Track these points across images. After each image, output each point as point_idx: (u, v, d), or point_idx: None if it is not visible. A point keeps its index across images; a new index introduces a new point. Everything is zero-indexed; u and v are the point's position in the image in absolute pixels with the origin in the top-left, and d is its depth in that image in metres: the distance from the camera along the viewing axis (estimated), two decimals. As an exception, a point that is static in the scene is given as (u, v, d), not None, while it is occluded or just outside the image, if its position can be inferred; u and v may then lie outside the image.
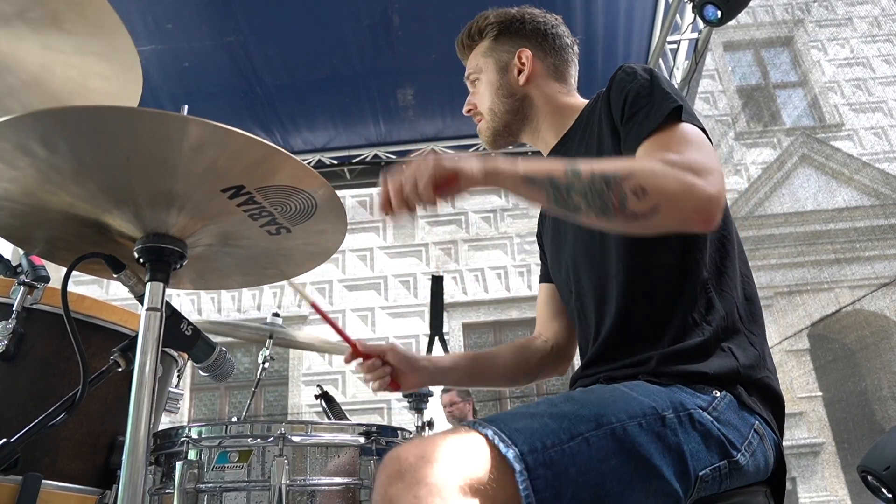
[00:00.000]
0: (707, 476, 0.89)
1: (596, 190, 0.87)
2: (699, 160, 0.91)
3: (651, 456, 0.84)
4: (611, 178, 0.87)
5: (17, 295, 1.20)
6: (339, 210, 1.03)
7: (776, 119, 10.01)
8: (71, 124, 0.83)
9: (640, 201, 0.86)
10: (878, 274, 7.70)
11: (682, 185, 0.87)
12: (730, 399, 0.96)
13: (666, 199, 0.87)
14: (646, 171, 0.88)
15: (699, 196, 0.87)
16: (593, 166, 0.89)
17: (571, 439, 0.80)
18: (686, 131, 0.99)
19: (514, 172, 0.92)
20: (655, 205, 0.87)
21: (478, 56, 1.31)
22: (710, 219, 0.89)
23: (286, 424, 1.09)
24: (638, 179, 0.87)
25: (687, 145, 0.95)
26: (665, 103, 1.01)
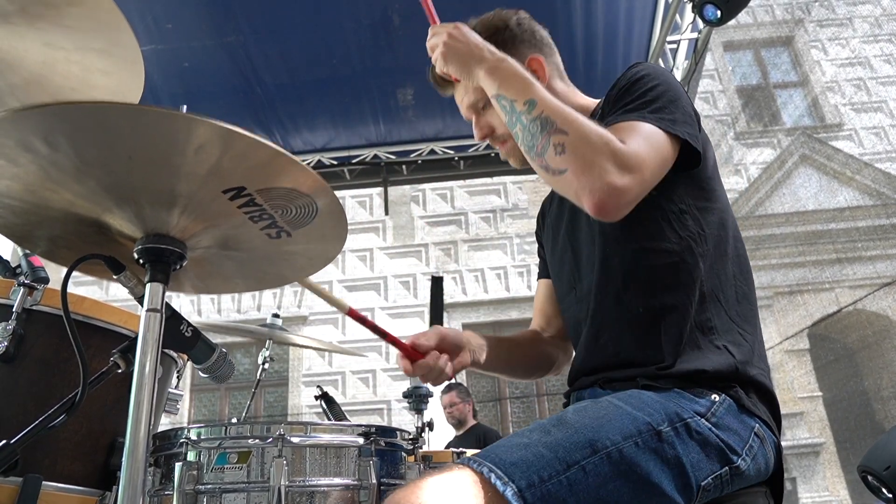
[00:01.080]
0: (709, 485, 0.89)
1: (532, 130, 0.94)
2: (632, 155, 0.91)
3: (650, 474, 0.83)
4: (548, 125, 0.92)
5: (16, 296, 1.20)
6: (339, 215, 1.03)
7: (776, 119, 10.01)
8: (74, 121, 0.82)
9: (556, 157, 0.91)
10: (881, 273, 7.70)
11: (597, 164, 0.89)
12: (729, 403, 0.96)
13: (574, 168, 0.90)
14: (578, 134, 0.91)
15: (603, 182, 0.88)
16: (547, 106, 0.94)
17: (568, 469, 0.79)
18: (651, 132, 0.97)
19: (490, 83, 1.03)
20: (564, 168, 0.91)
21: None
22: (604, 208, 0.89)
23: (285, 425, 1.08)
24: (566, 137, 0.91)
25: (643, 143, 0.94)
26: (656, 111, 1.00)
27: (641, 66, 1.10)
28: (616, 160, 0.89)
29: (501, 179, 9.22)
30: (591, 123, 0.93)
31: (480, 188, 9.50)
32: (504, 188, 9.52)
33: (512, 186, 9.48)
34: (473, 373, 6.22)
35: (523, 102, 0.97)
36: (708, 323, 1.01)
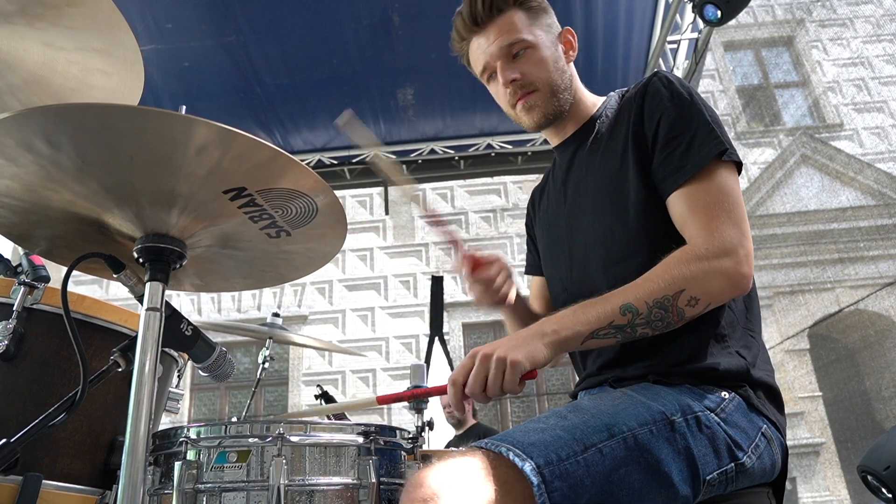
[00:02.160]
0: (714, 480, 0.89)
1: (656, 318, 0.94)
2: (730, 238, 0.97)
3: (661, 462, 0.85)
4: (665, 303, 0.94)
5: (17, 295, 1.20)
6: (339, 215, 1.03)
7: (777, 119, 10.01)
8: (75, 122, 0.82)
9: (695, 308, 0.95)
10: (883, 273, 7.70)
11: (724, 277, 0.96)
12: (738, 401, 0.96)
13: (714, 297, 0.97)
14: (690, 281, 0.95)
15: (738, 279, 0.97)
16: (642, 296, 0.94)
17: (585, 450, 0.81)
18: (722, 186, 1.02)
19: (580, 334, 0.95)
20: (707, 304, 0.96)
21: (522, 23, 1.18)
22: (747, 288, 0.99)
23: (285, 424, 1.08)
24: (688, 293, 0.94)
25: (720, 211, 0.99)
26: (708, 142, 1.02)
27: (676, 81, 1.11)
28: (726, 258, 0.96)
29: (501, 179, 9.22)
30: (680, 260, 0.97)
31: (480, 188, 9.50)
32: (504, 188, 9.51)
33: (512, 186, 9.48)
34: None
35: (621, 314, 0.94)
36: (721, 329, 1.02)
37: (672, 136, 1.05)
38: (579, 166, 1.22)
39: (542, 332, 0.95)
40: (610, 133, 1.17)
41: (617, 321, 0.94)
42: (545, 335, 0.94)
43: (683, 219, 1.02)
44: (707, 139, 1.03)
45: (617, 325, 0.94)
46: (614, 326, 0.94)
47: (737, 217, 0.99)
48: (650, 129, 1.08)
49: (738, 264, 0.96)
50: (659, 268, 0.97)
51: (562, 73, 1.21)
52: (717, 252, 0.96)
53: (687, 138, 1.04)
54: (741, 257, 0.96)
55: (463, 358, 1.20)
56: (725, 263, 0.95)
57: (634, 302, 0.94)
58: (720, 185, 1.01)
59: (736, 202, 1.01)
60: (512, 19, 1.18)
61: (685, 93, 1.08)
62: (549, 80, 1.19)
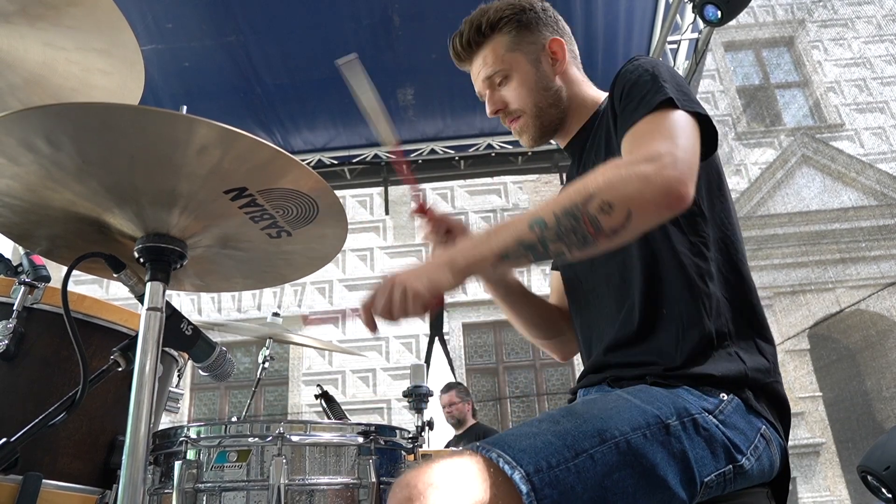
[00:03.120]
0: (712, 482, 0.89)
1: (567, 229, 0.87)
2: (656, 148, 0.89)
3: (656, 466, 0.84)
4: (575, 210, 0.86)
5: (17, 294, 1.20)
6: (339, 215, 1.03)
7: (777, 119, 10.01)
8: (76, 121, 0.82)
9: (611, 216, 0.86)
10: (885, 273, 7.70)
11: (640, 180, 0.86)
12: (737, 403, 0.96)
13: (632, 202, 0.86)
14: (602, 186, 0.87)
15: (660, 183, 0.86)
16: (553, 207, 0.88)
17: (576, 456, 0.80)
18: (663, 120, 0.95)
19: (486, 257, 0.91)
20: (626, 212, 0.86)
21: (499, 52, 1.21)
22: (680, 198, 0.87)
23: (285, 424, 1.09)
24: (599, 197, 0.86)
25: (656, 135, 0.93)
26: (654, 95, 0.98)
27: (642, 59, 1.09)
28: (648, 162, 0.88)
29: (501, 179, 9.22)
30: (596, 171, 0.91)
31: (480, 188, 9.50)
32: (504, 188, 9.52)
33: (512, 186, 9.48)
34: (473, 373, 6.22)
35: (529, 230, 0.89)
36: (722, 329, 1.01)
37: (627, 101, 1.02)
38: (585, 164, 1.23)
39: (452, 259, 0.92)
40: (601, 127, 1.18)
41: (525, 238, 0.88)
42: (454, 263, 0.92)
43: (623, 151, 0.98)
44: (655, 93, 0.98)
45: (526, 242, 0.88)
46: (524, 245, 0.89)
47: (673, 135, 0.92)
48: (617, 105, 1.07)
49: (662, 167, 0.87)
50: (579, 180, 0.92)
51: (546, 90, 1.21)
52: (637, 160, 0.89)
53: (638, 97, 1.00)
54: (666, 162, 0.87)
55: (463, 358, 1.19)
56: (645, 167, 0.87)
57: (543, 215, 0.88)
58: (667, 118, 0.95)
59: (681, 130, 0.93)
60: (491, 49, 1.21)
61: (648, 66, 1.05)
62: (532, 103, 1.20)
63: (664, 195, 0.86)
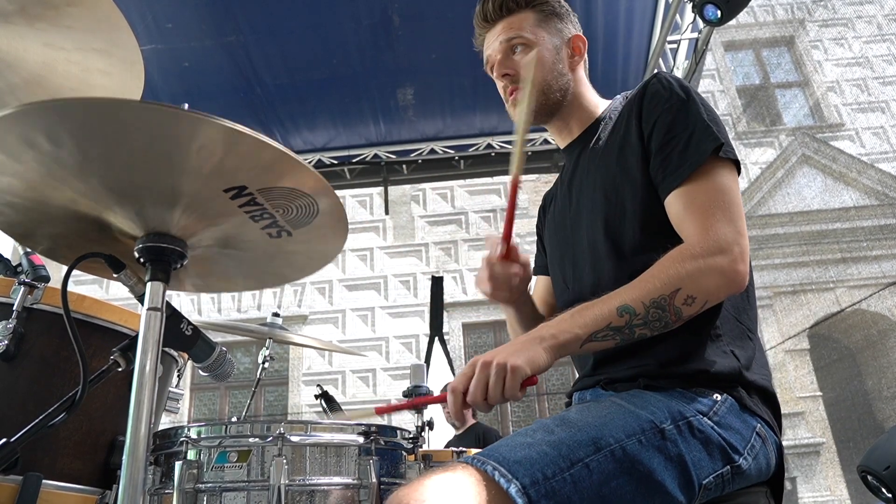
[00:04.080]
0: (710, 483, 0.89)
1: (654, 318, 0.94)
2: (725, 236, 0.97)
3: (653, 471, 0.84)
4: (662, 303, 0.94)
5: (17, 295, 1.20)
6: (340, 215, 1.03)
7: (777, 119, 10.01)
8: (77, 118, 0.82)
9: (692, 307, 0.95)
10: (886, 273, 7.69)
11: (719, 275, 0.96)
12: (731, 402, 0.96)
13: (711, 294, 0.96)
14: (686, 279, 0.94)
15: (734, 276, 0.97)
16: (639, 297, 0.94)
17: (571, 466, 0.80)
18: (719, 185, 1.01)
19: (576, 338, 0.95)
20: (704, 303, 0.96)
21: (527, 23, 1.23)
22: (743, 285, 0.99)
23: (285, 424, 1.09)
24: (684, 291, 0.94)
25: (716, 209, 0.99)
26: (704, 140, 1.02)
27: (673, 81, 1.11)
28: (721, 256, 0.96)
29: (501, 179, 9.21)
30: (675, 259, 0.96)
31: (480, 188, 9.50)
32: (504, 188, 9.51)
33: (512, 186, 9.47)
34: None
35: (619, 316, 0.94)
36: (716, 330, 1.02)
37: (669, 138, 1.05)
38: (583, 168, 1.23)
39: (541, 336, 0.95)
40: (612, 135, 1.18)
41: (614, 323, 0.94)
42: (544, 340, 0.94)
43: (680, 218, 1.02)
44: (704, 137, 1.02)
45: (615, 326, 0.94)
46: (612, 328, 0.94)
47: (733, 215, 0.99)
48: (647, 131, 1.09)
49: (734, 261, 0.96)
50: (655, 268, 0.97)
51: (558, 75, 1.23)
52: (712, 250, 0.96)
53: (684, 138, 1.04)
54: (736, 254, 0.96)
55: (463, 358, 1.19)
56: (720, 261, 0.95)
57: (631, 303, 0.94)
58: (717, 183, 1.01)
59: (732, 200, 1.01)
60: (519, 18, 1.23)
61: (683, 93, 1.08)
62: (542, 78, 1.21)
63: (735, 288, 0.98)
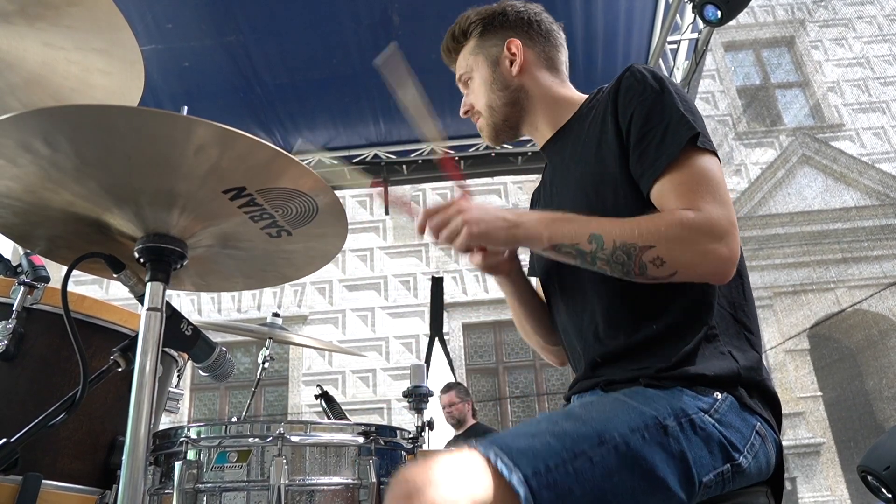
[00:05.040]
0: (710, 481, 0.89)
1: (618, 260, 0.94)
2: (717, 219, 0.94)
3: (655, 467, 0.84)
4: (632, 250, 0.93)
5: (17, 295, 1.20)
6: (339, 214, 1.03)
7: (778, 120, 10.01)
8: (74, 122, 0.83)
9: (659, 269, 0.93)
10: (886, 273, 7.69)
11: (700, 253, 0.93)
12: (731, 401, 0.96)
13: (683, 266, 0.94)
14: (663, 241, 0.93)
15: (716, 262, 0.94)
16: (614, 234, 0.94)
17: (574, 458, 0.80)
18: (703, 169, 0.99)
19: (538, 239, 0.98)
20: (673, 271, 0.94)
21: (466, 56, 1.29)
22: (725, 277, 0.96)
23: (285, 424, 1.09)
24: (657, 251, 0.93)
25: (704, 191, 0.97)
26: (680, 130, 1.00)
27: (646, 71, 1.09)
28: (708, 235, 0.93)
29: (501, 179, 9.22)
30: (664, 219, 0.95)
31: (480, 188, 9.50)
32: (504, 188, 9.52)
33: (512, 186, 9.48)
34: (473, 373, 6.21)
35: (587, 241, 0.96)
36: (712, 330, 1.01)
37: (646, 131, 1.03)
38: (563, 165, 1.22)
39: (514, 222, 1.00)
40: (589, 131, 1.16)
41: (581, 245, 0.96)
42: (513, 226, 1.00)
43: (665, 200, 0.99)
44: (680, 127, 1.00)
45: (580, 248, 0.96)
46: (577, 248, 0.97)
47: (722, 198, 0.97)
48: (624, 126, 1.07)
49: (730, 251, 0.93)
50: (645, 217, 0.96)
51: (501, 90, 1.24)
52: (704, 228, 0.93)
53: (660, 130, 1.01)
54: (731, 247, 0.94)
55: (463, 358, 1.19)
56: (717, 247, 0.93)
57: (604, 234, 0.95)
58: (700, 167, 0.99)
59: (719, 184, 0.98)
60: (463, 54, 1.30)
61: (656, 84, 1.06)
62: (485, 103, 1.26)
63: (715, 274, 0.96)
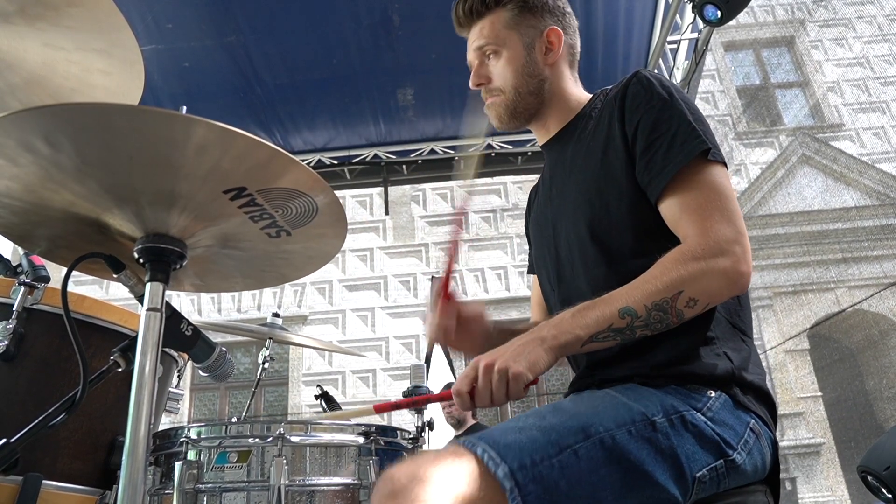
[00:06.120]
0: (704, 477, 0.89)
1: (655, 320, 0.94)
2: (727, 239, 0.95)
3: (643, 462, 0.84)
4: (664, 305, 0.94)
5: (17, 295, 1.20)
6: (339, 214, 1.03)
7: (777, 119, 10.01)
8: (75, 122, 0.82)
9: (694, 309, 0.95)
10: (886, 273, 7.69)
11: (722, 277, 0.95)
12: (725, 399, 0.96)
13: (713, 296, 0.96)
14: (688, 282, 0.94)
15: (737, 279, 0.95)
16: (642, 299, 0.94)
17: (560, 452, 0.80)
18: (711, 183, 0.99)
19: (577, 339, 0.95)
20: (707, 304, 0.96)
21: (497, 26, 1.20)
22: (746, 286, 0.98)
23: (285, 424, 1.09)
24: (687, 294, 0.94)
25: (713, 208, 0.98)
26: (689, 140, 1.00)
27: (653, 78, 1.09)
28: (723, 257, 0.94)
29: (501, 179, 9.22)
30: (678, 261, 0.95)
31: (480, 188, 9.49)
32: (504, 188, 9.52)
33: (512, 186, 9.48)
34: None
35: (620, 318, 0.94)
36: (709, 332, 1.01)
37: (653, 139, 1.03)
38: (563, 165, 1.21)
39: (542, 337, 0.95)
40: (593, 133, 1.16)
41: (616, 324, 0.94)
42: (545, 341, 0.94)
43: (676, 220, 1.01)
44: (689, 138, 1.00)
45: (616, 328, 0.94)
46: (613, 329, 0.94)
47: (730, 214, 0.98)
48: (630, 132, 1.07)
49: (737, 262, 0.94)
50: (656, 268, 0.96)
51: (531, 76, 1.20)
52: (714, 251, 0.95)
53: (667, 139, 1.02)
54: (739, 256, 0.95)
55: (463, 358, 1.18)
56: (723, 263, 0.94)
57: (633, 305, 0.93)
58: (708, 182, 1.00)
59: (728, 199, 0.99)
60: (490, 21, 1.21)
61: (664, 92, 1.06)
62: (512, 85, 1.20)
63: (738, 289, 0.97)
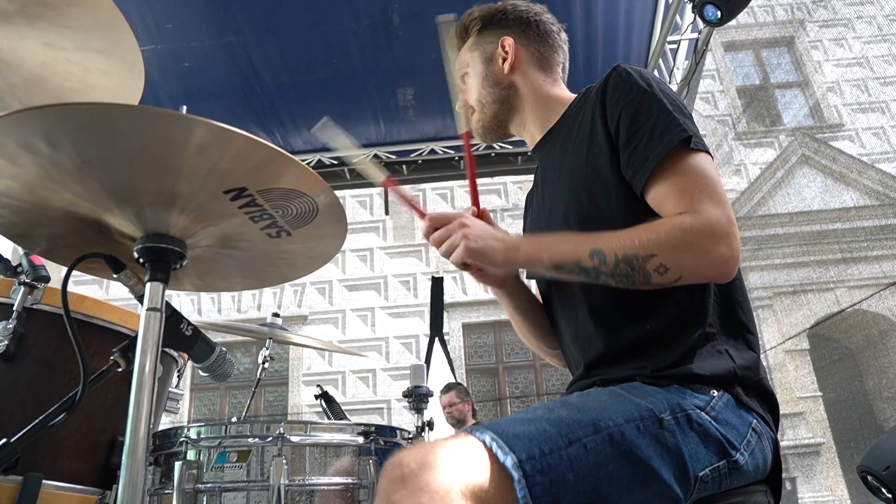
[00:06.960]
0: (707, 476, 0.89)
1: (622, 272, 0.95)
2: (716, 219, 0.93)
3: (650, 459, 0.84)
4: (634, 261, 0.94)
5: (17, 295, 1.20)
6: (339, 214, 1.03)
7: (777, 120, 10.01)
8: (75, 121, 0.82)
9: (664, 276, 0.94)
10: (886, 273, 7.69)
11: (702, 255, 0.93)
12: (728, 398, 0.96)
13: (687, 270, 0.94)
14: (665, 248, 0.93)
15: (719, 262, 0.93)
16: (615, 247, 0.94)
17: (569, 445, 0.80)
18: (696, 168, 0.98)
19: (543, 261, 1.00)
20: (677, 277, 0.94)
21: (465, 52, 1.31)
22: (728, 276, 0.96)
23: (285, 424, 1.09)
24: (660, 258, 0.93)
25: (700, 191, 0.96)
26: (669, 129, 0.99)
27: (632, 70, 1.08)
28: (709, 237, 0.93)
29: (501, 179, 9.22)
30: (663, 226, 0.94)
31: (480, 188, 9.38)
32: (504, 188, 9.52)
33: (512, 186, 9.48)
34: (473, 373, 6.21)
35: (589, 257, 0.96)
36: (710, 329, 1.01)
37: (633, 130, 1.02)
38: (553, 167, 1.21)
39: (515, 245, 1.03)
40: (578, 133, 1.15)
41: (583, 262, 0.97)
42: (511, 248, 1.03)
43: (662, 202, 0.99)
44: (668, 127, 0.99)
45: (583, 266, 0.97)
46: (579, 266, 0.98)
47: (718, 197, 0.96)
48: (613, 126, 1.06)
49: (731, 250, 0.93)
50: (643, 226, 0.96)
51: (493, 86, 1.26)
52: (704, 231, 0.92)
53: (648, 129, 1.01)
54: (732, 246, 0.93)
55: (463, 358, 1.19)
56: (712, 244, 0.92)
57: (605, 250, 0.95)
58: (693, 167, 0.98)
59: (714, 183, 0.97)
60: (464, 50, 1.32)
61: (644, 84, 1.05)
62: (477, 98, 1.29)
63: (721, 276, 0.95)
